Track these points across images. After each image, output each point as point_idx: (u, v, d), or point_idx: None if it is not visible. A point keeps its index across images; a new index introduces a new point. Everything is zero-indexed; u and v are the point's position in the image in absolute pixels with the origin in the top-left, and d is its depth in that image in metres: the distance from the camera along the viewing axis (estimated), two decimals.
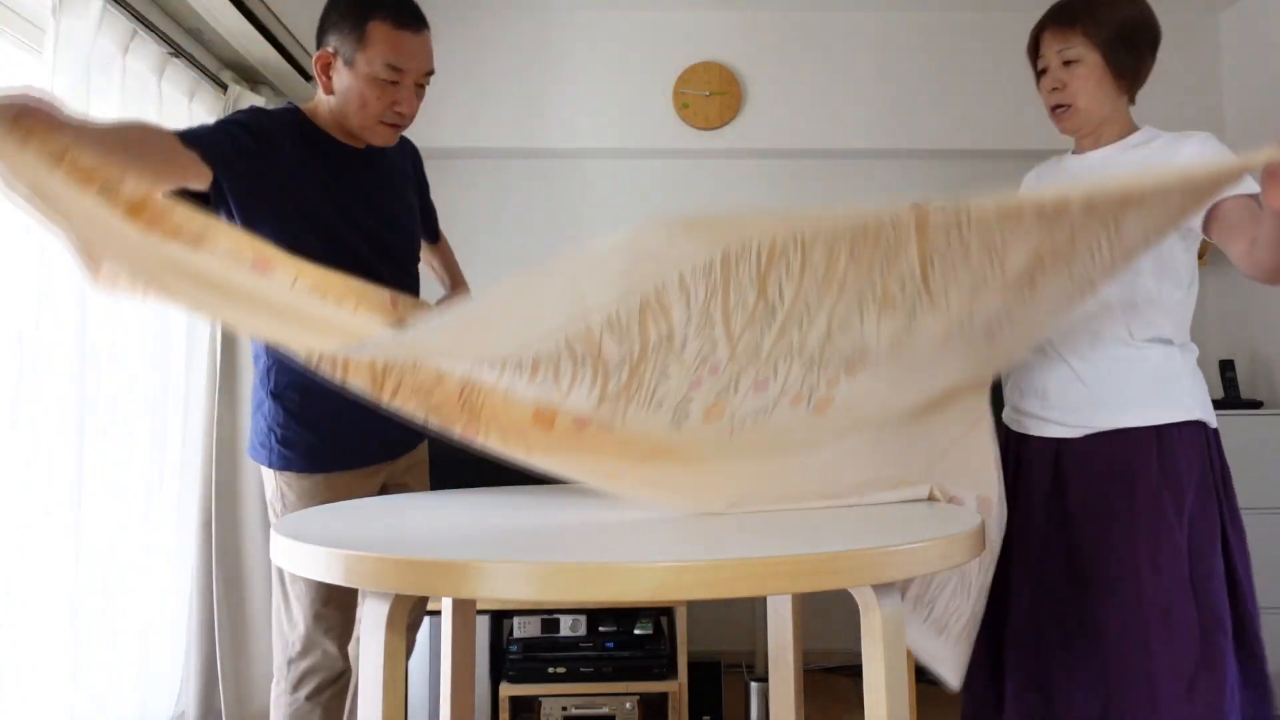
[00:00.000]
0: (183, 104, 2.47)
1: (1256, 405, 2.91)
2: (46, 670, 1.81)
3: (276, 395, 1.58)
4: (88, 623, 1.97)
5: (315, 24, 1.53)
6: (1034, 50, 1.59)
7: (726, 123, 3.22)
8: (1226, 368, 2.99)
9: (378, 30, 1.42)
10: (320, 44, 1.50)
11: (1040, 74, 1.58)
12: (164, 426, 2.37)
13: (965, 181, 3.34)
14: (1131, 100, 1.58)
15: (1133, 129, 1.57)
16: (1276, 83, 3.03)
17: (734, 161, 3.34)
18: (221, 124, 1.47)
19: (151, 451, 2.30)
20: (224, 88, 2.63)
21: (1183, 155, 1.46)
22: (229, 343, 2.59)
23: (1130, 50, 1.49)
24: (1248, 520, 2.71)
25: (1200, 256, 3.36)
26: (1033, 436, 1.60)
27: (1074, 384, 1.53)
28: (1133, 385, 1.49)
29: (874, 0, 3.22)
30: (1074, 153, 1.65)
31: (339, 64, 1.47)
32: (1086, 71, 1.49)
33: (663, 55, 3.24)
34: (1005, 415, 1.71)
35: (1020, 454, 1.63)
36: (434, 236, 1.92)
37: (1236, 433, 2.78)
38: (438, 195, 1.90)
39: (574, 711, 2.49)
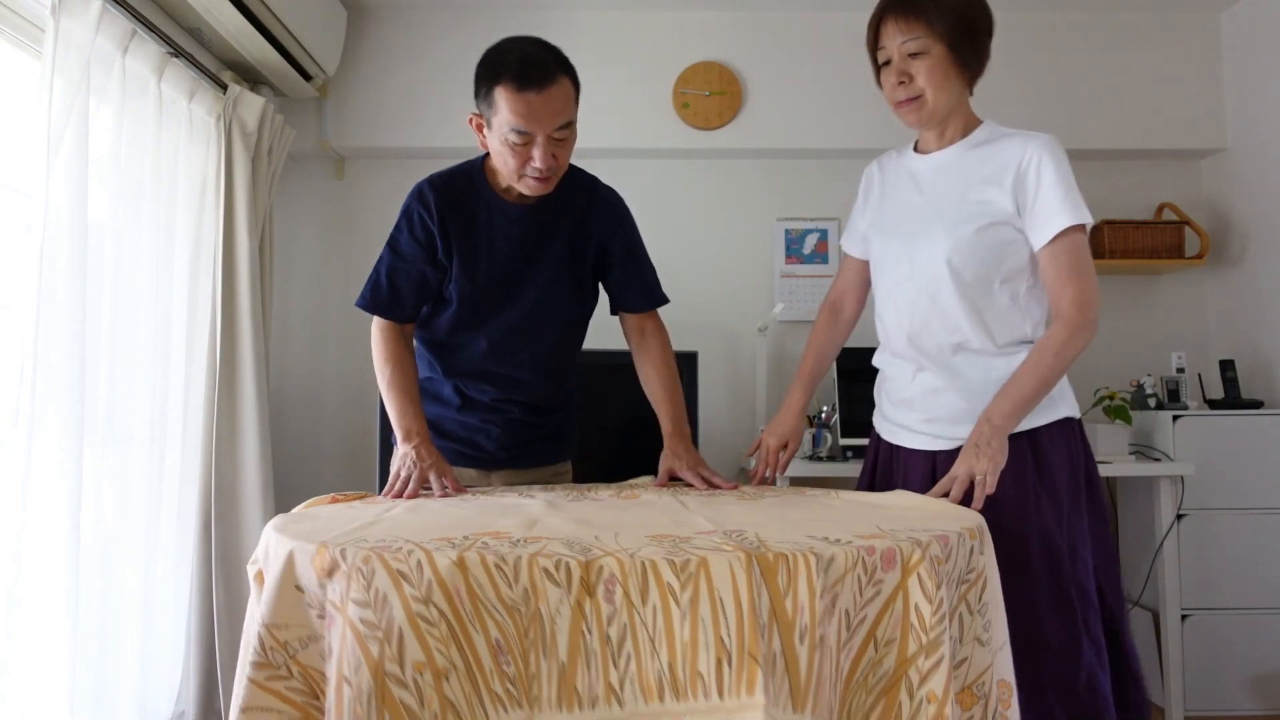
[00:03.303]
0: (182, 104, 2.47)
1: (1257, 405, 2.91)
2: (47, 670, 1.80)
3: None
4: (88, 623, 1.97)
5: (315, 23, 1.54)
6: (873, 43, 1.53)
7: (726, 123, 3.22)
8: (1226, 368, 2.98)
9: (502, 95, 1.46)
10: (476, 107, 1.56)
11: (882, 67, 1.52)
12: (164, 426, 2.37)
13: None
14: (970, 91, 1.54)
15: (975, 123, 1.55)
16: (1277, 83, 3.03)
17: (734, 161, 3.34)
18: (389, 274, 1.64)
19: (151, 451, 2.30)
20: (224, 88, 2.62)
21: (1024, 158, 1.44)
22: (229, 343, 2.59)
23: (972, 40, 1.46)
24: (1247, 520, 2.74)
25: (1200, 256, 3.38)
26: (905, 448, 1.57)
27: (943, 394, 1.51)
28: None
29: (872, 1, 3.22)
30: (916, 150, 1.61)
31: (485, 126, 1.54)
32: (933, 63, 1.45)
33: (663, 55, 3.24)
34: (875, 421, 1.68)
35: (893, 463, 1.61)
36: (630, 305, 1.76)
37: (1236, 433, 2.79)
38: None
39: None
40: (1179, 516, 2.75)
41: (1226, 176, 3.26)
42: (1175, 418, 2.81)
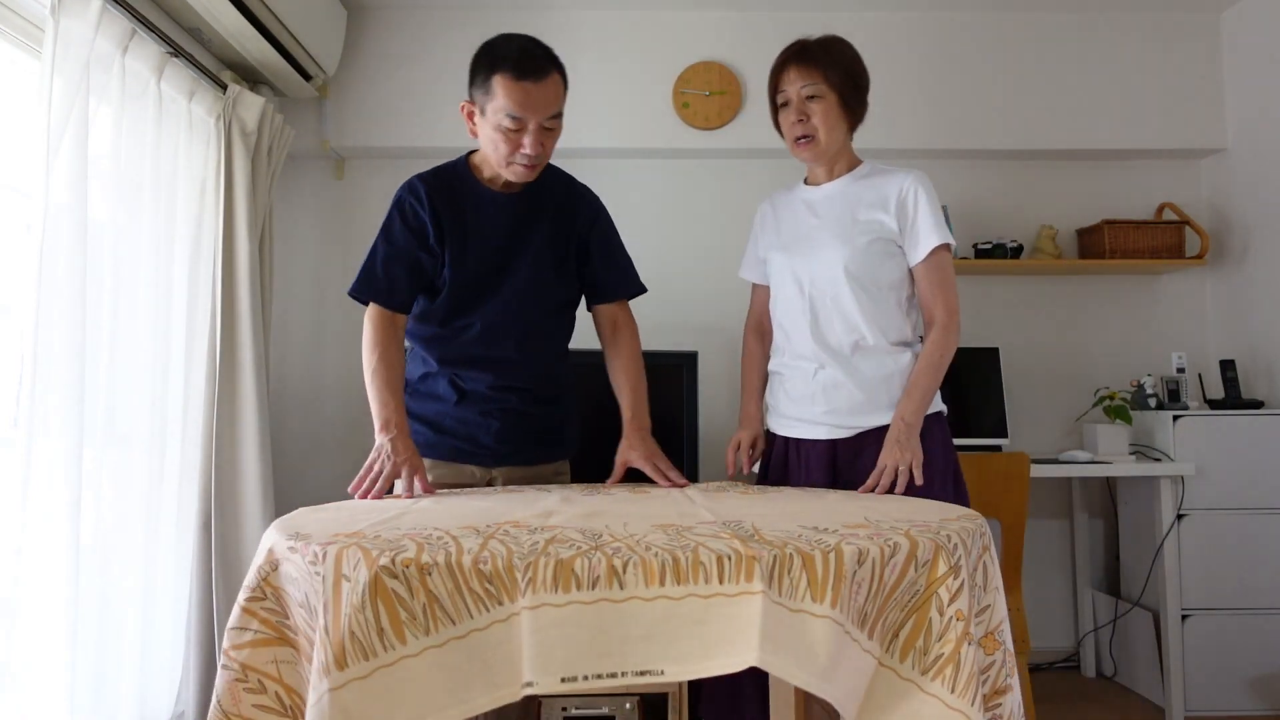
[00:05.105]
0: (182, 104, 2.47)
1: (1257, 405, 2.91)
2: (47, 670, 1.80)
3: (407, 382, 1.80)
4: (87, 623, 1.97)
5: (315, 23, 1.55)
6: (774, 87, 1.77)
7: (726, 123, 3.22)
8: (1227, 368, 2.98)
9: (500, 83, 1.56)
10: (469, 96, 1.65)
11: (781, 107, 1.76)
12: (164, 426, 2.37)
13: (962, 180, 3.35)
14: (852, 136, 1.79)
15: (857, 161, 1.81)
16: (1277, 83, 3.03)
17: (734, 161, 3.34)
18: (384, 262, 1.70)
19: (151, 451, 2.29)
20: (223, 87, 2.62)
21: (904, 188, 1.71)
22: (229, 343, 2.59)
23: (856, 91, 1.73)
24: (1247, 520, 2.75)
25: (1200, 256, 3.38)
26: (807, 440, 1.76)
27: (843, 389, 1.72)
28: (894, 386, 1.70)
29: (873, 1, 3.22)
30: (806, 183, 1.85)
31: (478, 113, 1.63)
32: (827, 107, 1.71)
33: (663, 55, 3.24)
34: (770, 420, 1.87)
35: (788, 455, 1.80)
36: (610, 293, 1.83)
37: (1236, 433, 2.79)
38: None
39: (574, 711, 2.48)
40: (1179, 516, 2.75)
41: (1226, 176, 3.26)
42: (1175, 418, 2.82)
